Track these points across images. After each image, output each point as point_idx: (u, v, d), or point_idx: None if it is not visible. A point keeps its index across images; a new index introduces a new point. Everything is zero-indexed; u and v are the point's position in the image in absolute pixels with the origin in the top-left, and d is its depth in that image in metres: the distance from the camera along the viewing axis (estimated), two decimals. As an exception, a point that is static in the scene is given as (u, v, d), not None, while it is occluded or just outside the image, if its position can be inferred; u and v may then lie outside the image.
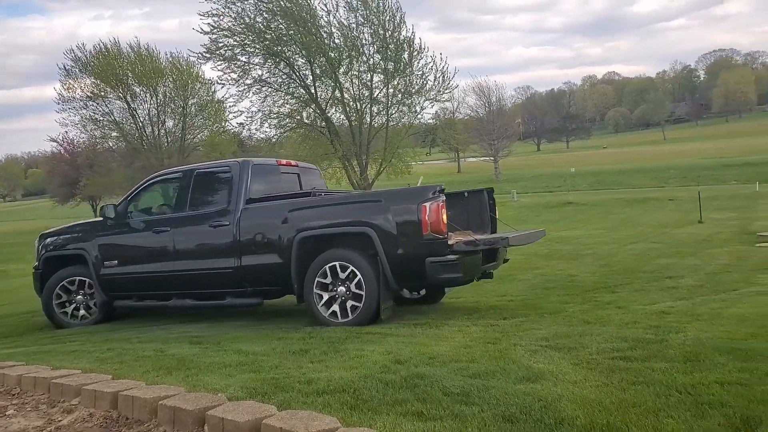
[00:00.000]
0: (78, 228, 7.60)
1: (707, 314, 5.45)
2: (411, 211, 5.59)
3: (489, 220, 6.63)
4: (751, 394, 3.04)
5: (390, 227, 5.63)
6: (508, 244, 6.05)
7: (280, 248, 6.05)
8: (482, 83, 64.91)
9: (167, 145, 38.41)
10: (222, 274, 6.32)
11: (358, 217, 5.85)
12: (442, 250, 5.50)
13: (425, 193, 5.61)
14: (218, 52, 25.29)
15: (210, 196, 6.74)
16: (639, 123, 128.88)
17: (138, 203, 7.21)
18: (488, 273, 6.61)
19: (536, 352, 4.20)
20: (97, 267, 7.03)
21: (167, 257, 6.66)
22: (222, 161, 7.44)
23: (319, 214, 6.05)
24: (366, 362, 4.13)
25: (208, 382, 3.75)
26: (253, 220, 6.24)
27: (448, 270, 5.52)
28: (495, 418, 2.92)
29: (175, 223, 6.67)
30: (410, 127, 28.39)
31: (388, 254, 5.59)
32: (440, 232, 5.49)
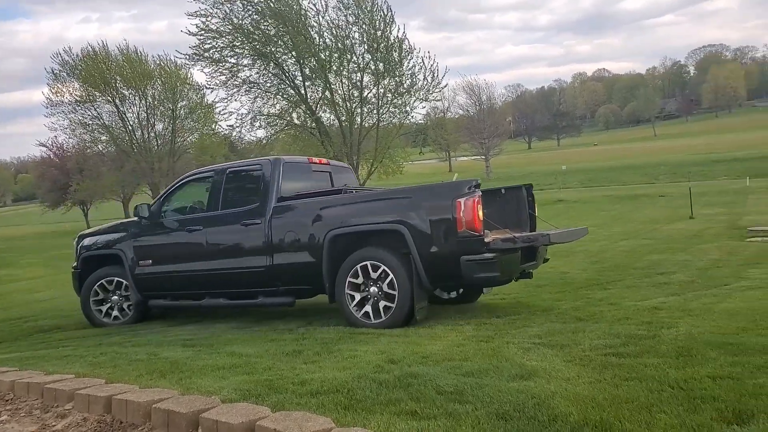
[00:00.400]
0: (114, 228, 7.66)
1: (699, 309, 5.49)
2: (445, 207, 5.37)
3: (527, 217, 6.35)
4: (742, 387, 3.07)
5: (423, 224, 5.44)
6: (549, 242, 5.73)
7: (311, 247, 5.95)
8: (472, 82, 65.17)
9: (157, 148, 38.24)
10: (254, 273, 6.26)
11: (389, 214, 5.66)
12: (478, 248, 5.27)
13: (460, 189, 5.40)
14: (206, 54, 25.19)
15: (242, 194, 6.70)
16: (629, 120, 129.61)
17: (171, 202, 7.19)
18: (527, 273, 6.34)
19: (529, 349, 4.21)
20: (132, 266, 7.04)
21: (200, 256, 6.62)
22: (254, 159, 7.40)
23: (350, 212, 5.91)
24: (359, 362, 4.13)
25: (202, 385, 3.73)
26: (284, 219, 6.17)
27: (485, 269, 5.29)
28: (489, 416, 2.93)
29: (207, 222, 6.64)
30: (401, 127, 28.40)
31: (421, 253, 5.39)
32: (476, 229, 5.27)
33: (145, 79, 36.22)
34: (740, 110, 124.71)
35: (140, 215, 6.99)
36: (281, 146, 28.53)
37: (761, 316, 4.82)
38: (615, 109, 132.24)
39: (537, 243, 5.75)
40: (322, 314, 6.69)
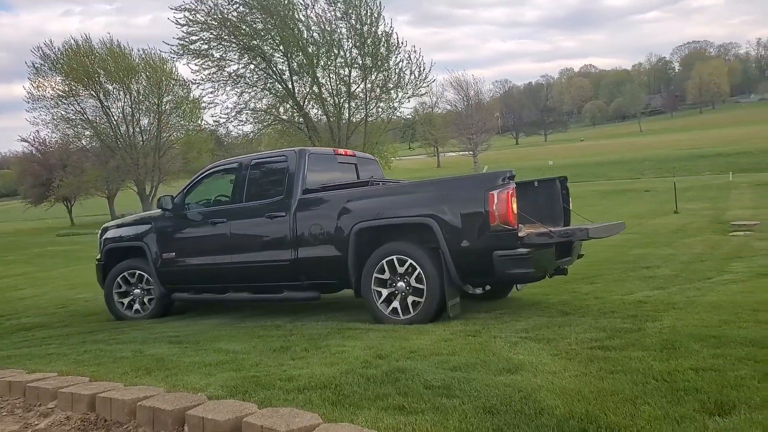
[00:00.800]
0: (137, 220, 7.56)
1: (682, 303, 5.54)
2: (477, 199, 5.16)
3: (562, 211, 6.08)
4: (724, 379, 3.11)
5: (453, 218, 5.22)
6: (588, 237, 5.43)
7: (336, 240, 5.78)
8: (460, 78, 65.27)
9: (142, 143, 37.91)
10: (278, 267, 6.14)
11: (418, 207, 5.47)
12: (512, 243, 5.04)
13: (493, 180, 5.17)
14: (192, 47, 24.99)
15: (266, 186, 6.55)
16: (615, 115, 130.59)
17: (195, 194, 7.07)
18: (562, 269, 6.06)
19: (516, 343, 4.24)
20: (155, 259, 6.95)
21: (223, 249, 6.49)
22: (279, 150, 7.27)
23: (376, 205, 5.71)
24: (347, 358, 4.12)
25: (188, 382, 3.71)
26: (309, 211, 6.02)
27: (519, 265, 5.06)
28: (476, 410, 2.94)
29: (231, 214, 6.52)
30: (389, 123, 28.40)
31: (451, 247, 5.18)
32: (509, 222, 5.03)
33: (130, 73, 35.86)
34: (723, 106, 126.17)
35: (164, 207, 6.88)
36: (268, 141, 28.42)
37: (743, 309, 4.88)
38: (601, 105, 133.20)
39: (575, 238, 5.50)
40: (310, 310, 6.67)
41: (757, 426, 2.55)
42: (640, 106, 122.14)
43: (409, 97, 27.66)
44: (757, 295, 5.73)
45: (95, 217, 43.64)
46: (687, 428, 2.59)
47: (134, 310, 7.20)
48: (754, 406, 2.75)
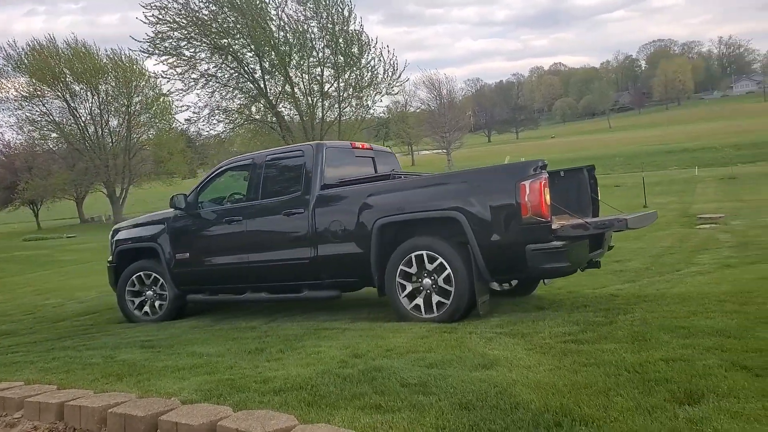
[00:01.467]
0: (149, 220, 7.29)
1: (653, 295, 5.65)
2: (508, 191, 4.92)
3: (590, 202, 5.81)
4: (693, 369, 3.18)
5: (482, 211, 4.98)
6: (627, 227, 5.09)
7: (358, 237, 5.57)
8: (432, 76, 65.55)
9: (112, 144, 37.18)
10: (298, 265, 5.92)
11: (444, 200, 5.20)
12: (545, 236, 4.79)
13: (525, 170, 4.93)
14: (163, 45, 24.60)
15: (283, 182, 6.34)
16: (585, 112, 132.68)
17: (208, 193, 6.86)
18: (595, 262, 5.79)
19: (491, 339, 4.27)
20: (168, 260, 6.74)
21: (240, 248, 6.29)
22: (295, 145, 7.03)
23: (400, 199, 5.48)
24: (323, 358, 4.10)
25: (161, 387, 3.65)
26: (329, 207, 5.81)
27: (553, 259, 4.80)
28: (452, 406, 2.95)
29: (247, 212, 6.31)
30: (363, 121, 28.36)
31: (481, 242, 4.94)
32: (542, 215, 4.78)
33: (97, 73, 35.12)
34: (688, 103, 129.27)
35: (177, 206, 6.68)
36: (241, 141, 28.14)
37: (709, 300, 5.00)
38: (571, 103, 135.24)
39: (612, 229, 5.21)
40: (286, 310, 6.63)
41: (724, 413, 2.62)
42: (609, 103, 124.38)
43: (383, 96, 27.70)
44: (723, 286, 5.88)
45: (63, 221, 42.67)
46: (658, 418, 2.64)
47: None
48: (721, 394, 2.82)
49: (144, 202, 45.49)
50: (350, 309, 6.23)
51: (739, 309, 4.56)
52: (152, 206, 45.48)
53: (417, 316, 5.21)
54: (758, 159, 38.55)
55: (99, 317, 7.73)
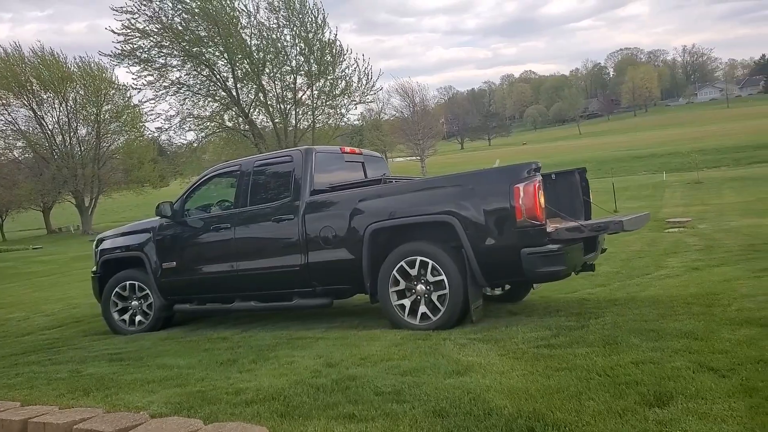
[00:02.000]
0: (135, 229, 7.08)
1: (623, 299, 5.74)
2: (501, 194, 4.84)
3: (582, 204, 5.74)
4: (662, 371, 3.23)
5: (476, 214, 4.90)
6: (623, 229, 5.03)
7: (349, 242, 5.46)
8: (405, 84, 65.84)
9: (80, 153, 36.41)
10: (288, 273, 5.79)
11: (437, 204, 5.12)
12: (540, 239, 4.74)
13: (518, 173, 4.86)
14: (134, 53, 24.25)
15: (272, 189, 6.25)
16: (555, 119, 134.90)
17: (195, 200, 6.71)
18: (590, 265, 5.73)
19: (465, 345, 4.28)
20: (155, 269, 6.57)
21: (228, 256, 6.16)
22: (284, 150, 6.89)
23: (392, 204, 5.38)
24: (297, 368, 4.06)
25: (130, 401, 3.56)
26: (319, 213, 5.70)
27: (549, 262, 4.74)
28: (426, 413, 2.94)
29: (235, 219, 6.17)
30: (337, 129, 28.34)
31: (475, 246, 4.87)
32: (537, 217, 4.73)
33: (65, 81, 34.41)
34: (655, 109, 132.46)
35: (163, 214, 6.54)
36: (213, 149, 27.86)
37: (678, 303, 5.10)
38: (542, 110, 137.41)
39: (608, 231, 5.14)
40: (259, 320, 6.55)
41: (692, 414, 2.66)
42: (579, 110, 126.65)
43: (357, 103, 27.74)
44: (690, 289, 6.00)
45: (29, 232, 41.56)
46: (629, 421, 2.67)
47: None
48: (689, 395, 2.87)
49: (114, 212, 44.67)
50: (325, 318, 6.19)
51: (706, 311, 4.66)
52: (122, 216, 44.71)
53: (411, 323, 5.12)
54: (722, 164, 39.62)
55: (66, 330, 7.54)
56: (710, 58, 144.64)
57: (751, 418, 2.59)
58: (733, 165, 38.84)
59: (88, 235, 32.97)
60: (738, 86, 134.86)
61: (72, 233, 37.00)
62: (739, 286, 5.79)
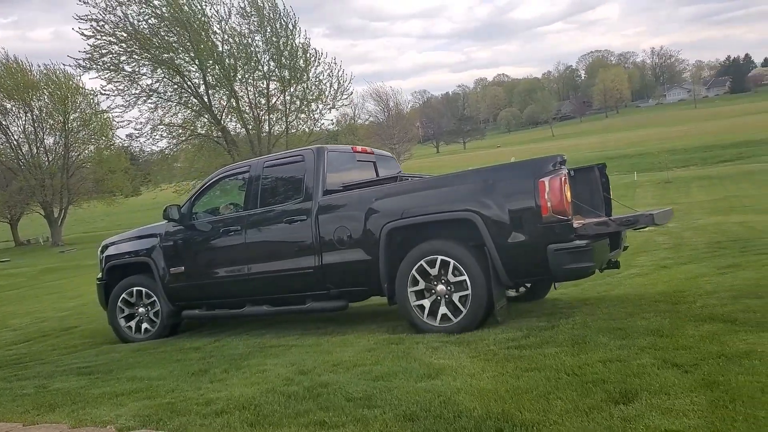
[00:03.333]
0: (141, 234, 6.89)
1: (594, 298, 5.83)
2: (526, 189, 4.65)
3: (602, 201, 5.57)
4: (628, 368, 3.29)
5: (499, 211, 4.70)
6: (654, 223, 4.86)
7: (365, 243, 5.28)
8: (379, 89, 66.10)
9: (48, 163, 35.65)
10: (301, 275, 5.63)
11: (457, 201, 4.93)
12: (567, 235, 4.56)
13: (544, 166, 4.67)
14: (101, 60, 23.86)
15: (283, 189, 6.09)
16: (529, 122, 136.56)
17: (203, 203, 6.56)
18: (615, 262, 5.54)
19: (437, 348, 4.30)
20: (162, 275, 6.41)
21: (239, 260, 5.99)
22: (294, 150, 6.69)
23: (409, 202, 5.19)
24: (269, 376, 4.04)
25: (97, 415, 3.50)
26: (333, 213, 5.53)
27: (577, 259, 4.55)
28: (397, 418, 2.95)
29: (245, 221, 6.01)
30: (311, 134, 28.25)
31: (498, 244, 4.67)
32: (564, 213, 4.56)
33: (30, 90, 33.68)
34: (625, 110, 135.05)
35: (170, 218, 6.38)
36: (185, 156, 27.55)
37: (646, 301, 5.20)
38: (515, 112, 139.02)
39: (638, 225, 4.94)
40: (231, 329, 6.49)
41: (656, 410, 2.72)
42: (552, 112, 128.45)
43: (330, 108, 27.72)
44: (658, 287, 6.12)
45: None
46: (595, 418, 2.72)
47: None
48: (653, 391, 2.93)
49: (85, 222, 43.82)
50: (298, 325, 6.16)
51: (672, 308, 4.76)
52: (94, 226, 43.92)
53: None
54: (690, 163, 40.57)
55: (33, 345, 7.37)
56: (678, 59, 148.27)
57: (711, 411, 2.65)
58: (701, 164, 39.80)
59: (57, 246, 32.29)
60: (705, 87, 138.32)
61: (41, 245, 36.18)
62: (705, 283, 5.93)
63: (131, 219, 45.10)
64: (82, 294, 12.38)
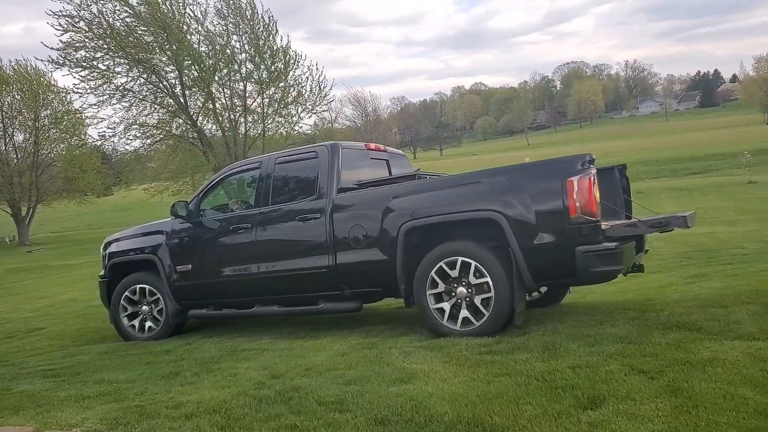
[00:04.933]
0: (146, 231, 6.69)
1: (565, 305, 5.92)
2: (554, 189, 4.50)
3: (622, 203, 5.39)
4: (596, 375, 3.35)
5: (525, 211, 4.55)
6: (686, 225, 4.65)
7: (382, 242, 5.12)
8: (358, 94, 66.32)
9: (17, 161, 34.80)
10: (314, 275, 5.47)
11: (481, 200, 4.78)
12: (596, 237, 4.40)
13: (572, 165, 4.52)
14: (74, 57, 23.42)
15: (295, 186, 5.95)
16: (505, 130, 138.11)
17: (212, 199, 6.40)
18: (639, 265, 5.37)
19: (410, 353, 4.32)
20: (168, 272, 6.23)
21: (249, 258, 5.82)
22: (307, 146, 6.54)
23: (429, 200, 5.03)
24: (240, 380, 4.01)
25: (62, 418, 3.44)
26: (348, 211, 5.39)
27: (606, 261, 4.39)
28: (368, 422, 2.96)
29: (256, 219, 5.85)
30: (288, 138, 28.10)
31: (524, 245, 4.51)
32: (592, 213, 4.40)
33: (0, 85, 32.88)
34: (599, 121, 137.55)
35: (178, 214, 6.18)
36: (160, 157, 27.17)
37: (615, 309, 5.30)
38: (491, 121, 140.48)
39: (669, 227, 4.78)
40: (203, 332, 6.42)
41: (622, 415, 2.78)
42: (527, 122, 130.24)
43: (309, 113, 27.64)
44: (627, 295, 6.25)
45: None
46: (563, 423, 2.77)
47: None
48: (620, 397, 2.99)
49: (54, 221, 42.81)
50: (272, 328, 6.13)
51: (640, 316, 4.86)
52: (63, 225, 42.96)
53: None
54: (661, 175, 41.43)
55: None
56: (650, 73, 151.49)
57: (675, 417, 2.72)
58: (671, 176, 40.70)
59: (24, 246, 31.51)
60: (676, 101, 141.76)
61: (7, 244, 35.25)
62: (672, 292, 6.07)
63: (102, 219, 44.31)
64: (50, 295, 12.12)
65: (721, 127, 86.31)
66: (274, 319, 6.61)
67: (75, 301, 10.74)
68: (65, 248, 28.09)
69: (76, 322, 8.26)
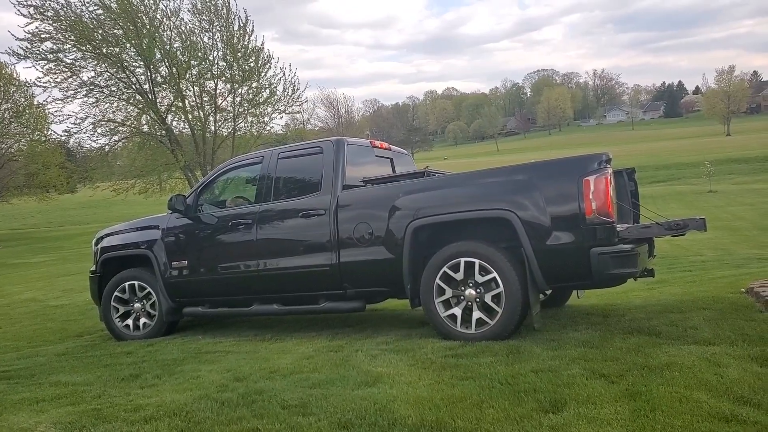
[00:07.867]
0: (141, 225, 6.46)
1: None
2: (569, 188, 4.37)
3: (630, 207, 5.33)
4: (558, 378, 3.40)
5: (538, 211, 4.42)
6: (704, 228, 4.60)
7: (388, 241, 4.98)
8: (331, 95, 66.12)
9: (-25, 155, 33.66)
10: (316, 273, 5.32)
11: (491, 199, 4.65)
12: (611, 238, 4.28)
13: (588, 165, 4.41)
14: (39, 49, 22.76)
15: (299, 182, 5.80)
16: (475, 136, 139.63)
17: (211, 194, 6.23)
18: (650, 269, 5.23)
19: (376, 356, 4.31)
20: (163, 269, 6.04)
21: (248, 255, 5.65)
22: (312, 141, 6.33)
23: (438, 198, 4.88)
24: (202, 383, 3.94)
25: (14, 422, 3.32)
26: (354, 209, 5.24)
27: (622, 264, 4.27)
28: (331, 426, 2.94)
29: (257, 215, 5.69)
30: (259, 137, 27.83)
31: (536, 246, 4.39)
32: (608, 214, 4.29)
33: (-41, 76, 31.78)
34: (568, 129, 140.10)
35: (176, 209, 6.00)
36: (127, 154, 26.60)
37: (579, 314, 5.38)
38: (463, 126, 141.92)
39: (687, 230, 4.65)
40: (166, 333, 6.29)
41: (583, 419, 2.81)
42: (498, 128, 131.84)
43: (281, 113, 27.43)
44: (592, 300, 6.35)
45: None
46: (525, 427, 2.79)
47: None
48: (581, 401, 3.03)
49: (13, 218, 41.53)
50: (235, 330, 6.05)
51: (602, 321, 4.95)
52: (23, 222, 41.68)
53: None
54: (626, 182, 42.47)
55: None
56: (618, 82, 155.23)
57: (633, 420, 2.77)
58: (635, 184, 41.67)
59: (-18, 242, 30.45)
60: (642, 110, 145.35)
61: (-36, 241, 34.05)
62: (634, 297, 6.20)
63: (65, 216, 43.16)
64: (6, 294, 11.74)
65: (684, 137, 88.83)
66: (238, 321, 6.52)
67: (33, 300, 10.43)
68: (24, 246, 27.26)
69: (33, 323, 8.01)
